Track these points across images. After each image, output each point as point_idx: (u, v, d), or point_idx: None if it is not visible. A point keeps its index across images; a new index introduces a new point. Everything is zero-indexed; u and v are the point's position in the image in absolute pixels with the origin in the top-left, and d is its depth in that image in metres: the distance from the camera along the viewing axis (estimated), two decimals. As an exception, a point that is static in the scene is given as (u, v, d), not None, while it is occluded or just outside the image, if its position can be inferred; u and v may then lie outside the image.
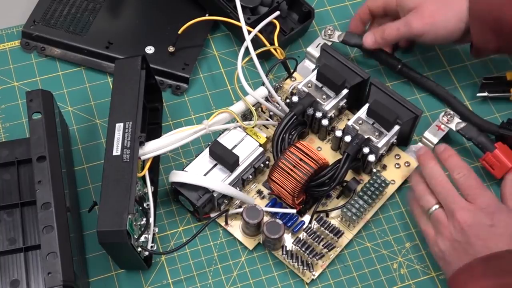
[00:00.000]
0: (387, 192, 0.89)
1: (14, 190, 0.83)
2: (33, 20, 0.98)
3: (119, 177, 0.77)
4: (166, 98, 0.95)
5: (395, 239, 0.87)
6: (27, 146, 0.83)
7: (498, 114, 0.95)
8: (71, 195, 0.84)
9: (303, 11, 0.98)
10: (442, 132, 0.90)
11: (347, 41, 0.95)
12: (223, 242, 0.87)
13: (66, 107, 0.94)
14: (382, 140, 0.86)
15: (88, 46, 0.97)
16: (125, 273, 0.85)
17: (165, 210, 0.88)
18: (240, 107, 0.88)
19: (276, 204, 0.87)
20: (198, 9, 1.00)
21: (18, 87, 0.96)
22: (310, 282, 0.84)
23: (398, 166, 0.90)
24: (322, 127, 0.89)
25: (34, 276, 0.79)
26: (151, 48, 0.97)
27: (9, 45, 0.99)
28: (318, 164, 0.82)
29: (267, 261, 0.86)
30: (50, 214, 0.75)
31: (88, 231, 0.87)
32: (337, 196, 0.88)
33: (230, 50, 1.00)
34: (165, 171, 0.90)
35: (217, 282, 0.84)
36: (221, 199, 0.85)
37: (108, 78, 0.97)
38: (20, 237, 0.80)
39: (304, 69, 0.95)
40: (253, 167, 0.87)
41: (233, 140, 0.87)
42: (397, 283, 0.85)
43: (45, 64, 0.97)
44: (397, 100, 0.86)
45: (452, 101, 0.94)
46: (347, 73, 0.88)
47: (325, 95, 0.88)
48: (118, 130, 0.80)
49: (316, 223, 0.85)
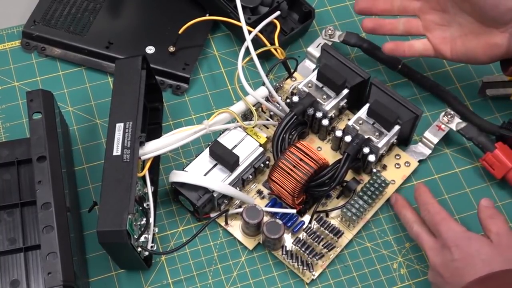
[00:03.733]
0: (387, 192, 0.89)
1: (14, 190, 0.83)
2: (33, 20, 0.98)
3: (119, 177, 0.77)
4: (167, 98, 0.95)
5: (395, 239, 0.87)
6: (27, 146, 0.83)
7: (498, 114, 0.95)
8: (71, 195, 0.84)
9: (304, 11, 0.98)
10: (442, 132, 0.90)
11: (348, 41, 0.95)
12: (223, 242, 0.87)
13: (66, 107, 0.94)
14: (382, 140, 0.86)
15: (89, 46, 0.97)
16: (125, 273, 0.85)
17: (165, 210, 0.88)
18: (240, 107, 0.88)
19: (276, 204, 0.87)
20: (198, 9, 1.00)
21: (18, 87, 0.96)
22: (310, 282, 0.84)
23: (398, 166, 0.90)
24: (322, 127, 0.89)
25: (34, 276, 0.79)
26: (152, 48, 0.97)
27: (9, 45, 0.99)
28: (318, 164, 0.82)
29: (267, 261, 0.86)
30: (50, 214, 0.75)
31: (88, 231, 0.87)
32: (337, 196, 0.88)
33: (230, 50, 1.00)
34: (165, 171, 0.90)
35: (217, 282, 0.84)
36: (221, 199, 0.85)
37: (108, 78, 0.97)
38: (20, 237, 0.80)
39: (305, 69, 0.95)
40: (253, 167, 0.87)
41: (233, 140, 0.87)
42: (397, 283, 0.85)
43: (45, 64, 0.97)
44: (397, 100, 0.86)
45: (452, 101, 0.94)
46: (348, 73, 0.88)
47: (326, 95, 0.88)
48: (118, 130, 0.80)
49: (316, 223, 0.85)
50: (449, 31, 0.87)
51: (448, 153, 0.93)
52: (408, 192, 0.90)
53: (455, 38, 0.87)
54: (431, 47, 0.89)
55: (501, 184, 0.90)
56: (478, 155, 0.91)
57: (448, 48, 0.87)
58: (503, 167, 0.88)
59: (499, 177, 0.89)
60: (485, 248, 0.75)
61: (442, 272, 0.77)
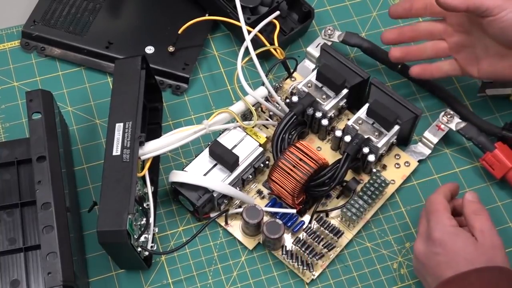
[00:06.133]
0: (387, 192, 0.89)
1: (14, 190, 0.83)
2: (33, 20, 0.98)
3: (119, 177, 0.77)
4: (166, 98, 0.95)
5: (395, 239, 0.87)
6: (27, 146, 0.83)
7: (498, 114, 0.95)
8: (71, 195, 0.84)
9: (303, 11, 0.98)
10: (442, 132, 0.90)
11: (347, 41, 0.95)
12: (223, 242, 0.87)
13: (66, 107, 0.94)
14: (382, 140, 0.86)
15: (88, 46, 0.97)
16: (125, 273, 0.85)
17: (165, 210, 0.88)
18: (240, 107, 0.88)
19: (276, 204, 0.87)
20: (198, 9, 1.00)
21: (18, 87, 0.96)
22: (310, 282, 0.84)
23: (398, 166, 0.90)
24: (322, 127, 0.89)
25: (34, 276, 0.79)
26: (151, 48, 0.97)
27: (9, 45, 0.99)
28: (318, 164, 0.82)
29: (267, 261, 0.86)
30: (50, 214, 0.75)
31: (88, 231, 0.87)
32: (337, 196, 0.88)
33: (230, 50, 1.00)
34: (165, 171, 0.90)
35: (217, 282, 0.84)
36: (221, 199, 0.85)
37: (108, 78, 0.97)
38: (20, 237, 0.80)
39: (304, 69, 0.95)
40: (253, 167, 0.87)
41: (233, 140, 0.87)
42: (397, 283, 0.85)
43: (45, 64, 0.97)
44: (397, 100, 0.86)
45: (452, 101, 0.94)
46: (347, 73, 0.88)
47: (325, 95, 0.88)
48: (118, 130, 0.80)
49: (316, 223, 0.85)
50: (474, 53, 0.87)
51: (448, 153, 0.93)
52: (408, 192, 0.90)
53: (482, 59, 0.87)
54: (459, 68, 0.89)
55: (501, 184, 0.90)
56: (478, 155, 0.91)
57: (475, 68, 0.88)
58: (503, 167, 0.88)
59: (498, 177, 0.89)
60: (470, 247, 0.76)
61: (424, 262, 0.78)
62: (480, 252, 0.75)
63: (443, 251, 0.76)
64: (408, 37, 0.91)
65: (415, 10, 0.88)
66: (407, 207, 0.89)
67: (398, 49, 0.91)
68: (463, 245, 0.76)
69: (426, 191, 0.90)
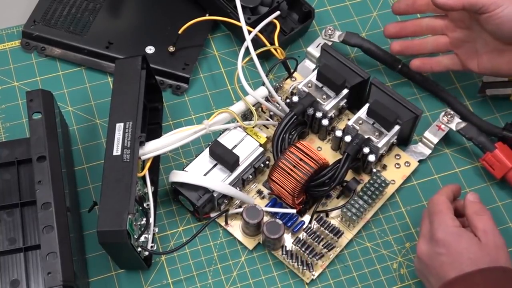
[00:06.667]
0: (387, 192, 0.89)
1: (14, 190, 0.83)
2: (33, 20, 0.98)
3: (119, 177, 0.77)
4: (166, 98, 0.95)
5: (395, 239, 0.87)
6: (27, 146, 0.83)
7: (498, 114, 0.95)
8: (71, 195, 0.84)
9: (303, 11, 0.98)
10: (442, 132, 0.90)
11: (347, 41, 0.95)
12: (223, 242, 0.87)
13: (66, 107, 0.94)
14: (382, 140, 0.86)
15: (88, 46, 0.97)
16: (125, 273, 0.85)
17: (165, 210, 0.88)
18: (240, 107, 0.88)
19: (276, 204, 0.87)
20: (198, 9, 1.00)
21: (18, 87, 0.96)
22: (310, 282, 0.84)
23: (398, 166, 0.90)
24: (322, 127, 0.89)
25: (34, 276, 0.79)
26: (151, 48, 0.97)
27: (9, 45, 0.99)
28: (318, 164, 0.82)
29: (267, 261, 0.86)
30: (50, 214, 0.75)
31: (88, 231, 0.87)
32: (337, 196, 0.88)
33: (230, 50, 1.00)
34: (165, 171, 0.90)
35: (217, 282, 0.84)
36: (221, 199, 0.85)
37: (108, 78, 0.97)
38: (20, 237, 0.80)
39: (304, 69, 0.95)
40: (253, 167, 0.87)
41: (233, 140, 0.87)
42: (397, 283, 0.85)
43: (45, 64, 0.97)
44: (397, 100, 0.86)
45: (452, 101, 0.94)
46: (347, 73, 0.88)
47: (325, 95, 0.88)
48: (118, 130, 0.80)
49: (316, 223, 0.85)
50: (475, 47, 0.89)
51: (448, 153, 0.93)
52: (408, 192, 0.90)
53: (482, 54, 0.88)
54: (459, 62, 0.91)
55: (501, 184, 0.90)
56: (478, 155, 0.91)
57: (475, 63, 0.89)
58: (503, 167, 0.88)
59: (499, 177, 0.89)
60: (473, 247, 0.76)
61: (427, 262, 0.77)
62: (484, 253, 0.75)
63: (446, 251, 0.76)
64: (410, 31, 0.92)
65: (418, 6, 0.90)
66: (407, 207, 0.89)
67: (399, 43, 0.93)
68: (466, 246, 0.76)
69: (426, 191, 0.90)
